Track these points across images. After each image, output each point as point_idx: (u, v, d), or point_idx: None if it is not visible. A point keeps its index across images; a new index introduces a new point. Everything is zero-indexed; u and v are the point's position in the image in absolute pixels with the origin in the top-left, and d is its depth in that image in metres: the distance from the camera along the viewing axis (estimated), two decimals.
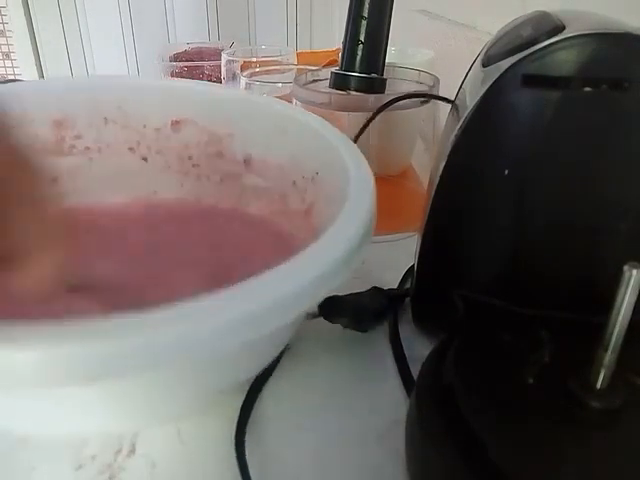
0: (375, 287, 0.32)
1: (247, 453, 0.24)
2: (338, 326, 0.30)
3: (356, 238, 0.21)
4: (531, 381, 0.22)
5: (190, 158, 0.35)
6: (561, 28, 0.22)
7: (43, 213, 0.20)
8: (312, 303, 0.19)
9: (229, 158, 0.33)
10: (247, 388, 0.27)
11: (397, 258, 0.37)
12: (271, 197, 0.32)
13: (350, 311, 0.30)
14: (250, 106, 0.33)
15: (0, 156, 0.20)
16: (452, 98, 0.29)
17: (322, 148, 0.27)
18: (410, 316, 0.32)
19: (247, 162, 0.32)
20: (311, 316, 0.29)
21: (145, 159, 0.35)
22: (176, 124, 0.34)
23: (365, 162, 0.25)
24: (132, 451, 0.24)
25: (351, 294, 0.31)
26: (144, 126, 0.35)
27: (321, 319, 0.29)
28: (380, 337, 0.31)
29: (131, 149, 0.35)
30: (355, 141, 0.38)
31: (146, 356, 0.15)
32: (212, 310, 0.16)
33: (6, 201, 0.18)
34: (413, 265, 0.30)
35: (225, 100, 0.34)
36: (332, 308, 0.29)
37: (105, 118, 0.35)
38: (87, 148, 0.35)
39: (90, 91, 0.35)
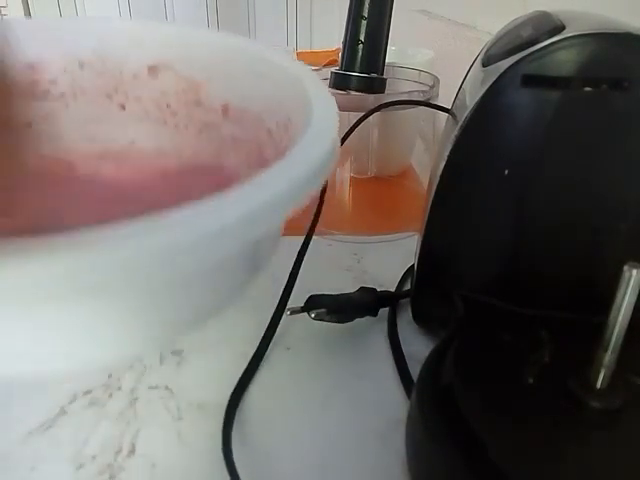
0: (362, 287, 0.32)
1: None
2: (338, 326, 0.30)
3: (319, 157, 0.19)
4: (531, 381, 0.22)
5: (168, 106, 0.33)
6: (561, 28, 0.22)
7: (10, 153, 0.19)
8: (278, 219, 0.17)
9: (207, 106, 0.32)
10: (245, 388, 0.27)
11: (397, 258, 0.37)
12: (249, 148, 0.31)
13: (331, 303, 0.30)
14: (226, 49, 0.31)
15: None
16: (452, 98, 0.29)
17: (292, 89, 0.26)
18: (410, 316, 0.32)
19: (225, 110, 0.31)
20: (289, 312, 0.29)
21: (123, 106, 0.34)
22: (153, 70, 0.33)
23: (331, 99, 0.23)
24: (132, 451, 0.24)
25: (339, 294, 0.31)
26: (120, 72, 0.33)
27: (305, 315, 0.29)
28: (380, 337, 0.31)
29: (108, 96, 0.34)
30: (343, 141, 0.38)
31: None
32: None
33: None
34: (413, 265, 0.30)
35: (202, 44, 0.32)
36: (312, 302, 0.29)
37: (80, 62, 0.33)
38: (62, 93, 0.34)
39: (64, 33, 0.33)
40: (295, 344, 0.30)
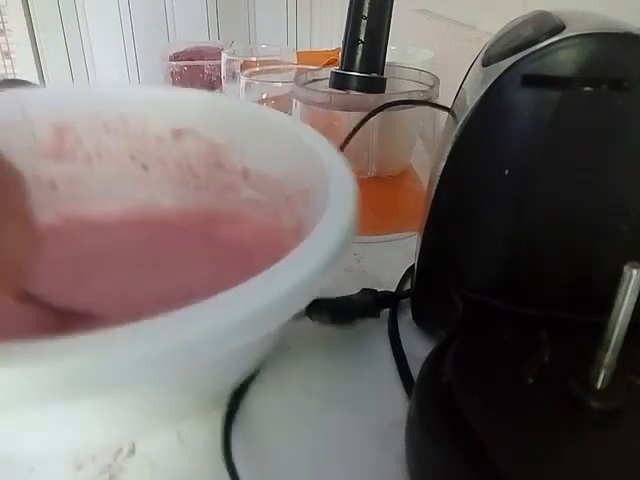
0: (364, 288, 0.32)
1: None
2: (337, 326, 0.30)
3: (334, 247, 0.21)
4: (531, 381, 0.22)
5: (190, 168, 0.35)
6: (561, 28, 0.22)
7: (29, 219, 0.20)
8: (291, 311, 0.19)
9: (228, 169, 0.33)
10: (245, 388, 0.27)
11: (397, 258, 0.37)
12: (266, 211, 0.32)
13: (333, 306, 0.29)
14: (248, 116, 0.33)
15: None
16: (452, 98, 0.29)
17: (311, 159, 0.27)
18: (410, 316, 0.32)
19: (245, 173, 0.32)
20: (299, 315, 0.29)
21: (146, 167, 0.35)
22: (177, 133, 0.34)
23: (350, 177, 0.25)
24: (132, 451, 0.24)
25: (341, 297, 0.31)
26: (145, 134, 0.35)
27: (307, 319, 0.29)
28: (380, 337, 0.31)
29: (132, 157, 0.35)
30: (346, 142, 0.38)
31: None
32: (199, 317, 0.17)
33: None
34: (413, 265, 0.30)
35: (224, 109, 0.34)
36: (315, 306, 0.29)
37: (106, 125, 0.35)
38: (87, 154, 0.35)
39: (91, 98, 0.35)
40: (295, 344, 0.30)
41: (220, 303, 0.17)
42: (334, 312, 0.29)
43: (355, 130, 0.38)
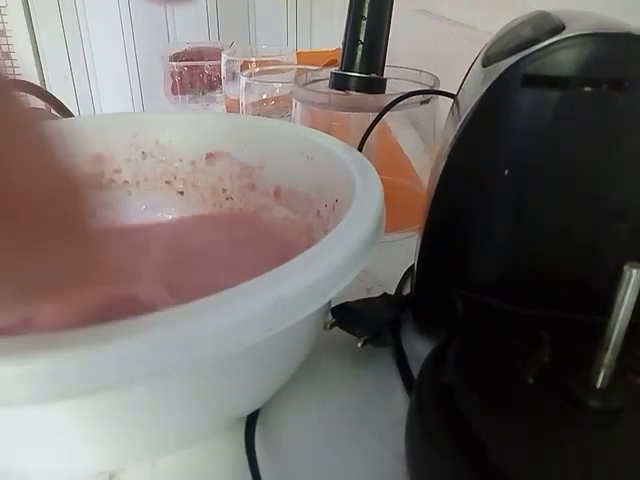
0: (385, 293, 0.32)
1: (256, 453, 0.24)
2: (338, 326, 0.30)
3: (363, 238, 0.21)
4: (531, 381, 0.22)
5: (224, 191, 0.36)
6: (561, 28, 0.22)
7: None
8: (321, 301, 0.19)
9: (260, 189, 0.34)
10: None
11: (397, 258, 0.37)
12: (299, 229, 0.33)
13: (367, 325, 0.29)
14: (277, 135, 0.33)
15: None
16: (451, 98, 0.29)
17: (341, 173, 0.28)
18: (410, 316, 0.32)
19: (277, 193, 0.33)
20: (329, 325, 0.29)
21: (181, 192, 0.37)
22: (210, 157, 0.35)
23: (378, 184, 0.25)
24: None
25: (361, 301, 0.30)
26: (180, 160, 0.36)
27: (337, 328, 0.29)
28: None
29: (168, 182, 0.37)
30: (363, 143, 0.38)
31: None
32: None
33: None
34: (413, 265, 0.30)
35: (255, 130, 0.34)
36: (347, 317, 0.29)
37: (143, 152, 0.36)
38: (126, 182, 0.36)
39: (129, 126, 0.36)
40: None
41: (286, 271, 0.18)
42: (368, 329, 0.28)
43: (368, 131, 0.38)
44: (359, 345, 0.28)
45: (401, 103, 0.39)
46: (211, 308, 0.16)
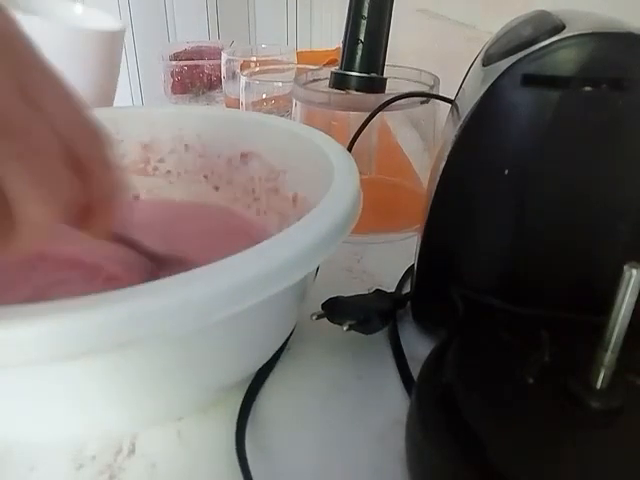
0: (378, 289, 0.32)
1: (246, 452, 0.24)
2: (338, 326, 0.30)
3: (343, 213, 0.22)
4: (531, 381, 0.22)
5: (253, 191, 0.36)
6: (561, 28, 0.22)
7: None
8: (308, 268, 0.20)
9: (282, 195, 0.34)
10: (246, 387, 0.27)
11: (397, 258, 0.37)
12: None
13: (355, 312, 0.29)
14: (302, 142, 0.33)
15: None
16: (452, 98, 0.29)
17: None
18: (410, 316, 0.32)
19: (294, 199, 0.33)
20: (316, 316, 0.29)
21: (217, 188, 0.38)
22: (245, 156, 0.36)
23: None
24: (132, 451, 0.24)
25: (354, 295, 0.31)
26: (218, 156, 0.37)
27: (325, 320, 0.29)
28: (380, 337, 0.31)
29: (206, 177, 0.38)
30: (354, 141, 0.38)
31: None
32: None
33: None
34: (413, 265, 0.30)
35: (282, 134, 0.34)
36: (337, 308, 0.29)
37: (186, 145, 0.37)
38: (168, 172, 0.38)
39: (175, 118, 0.37)
40: (295, 344, 0.30)
41: (276, 242, 0.20)
42: (358, 318, 0.29)
43: (360, 130, 0.38)
44: (344, 329, 0.28)
45: (401, 103, 0.39)
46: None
